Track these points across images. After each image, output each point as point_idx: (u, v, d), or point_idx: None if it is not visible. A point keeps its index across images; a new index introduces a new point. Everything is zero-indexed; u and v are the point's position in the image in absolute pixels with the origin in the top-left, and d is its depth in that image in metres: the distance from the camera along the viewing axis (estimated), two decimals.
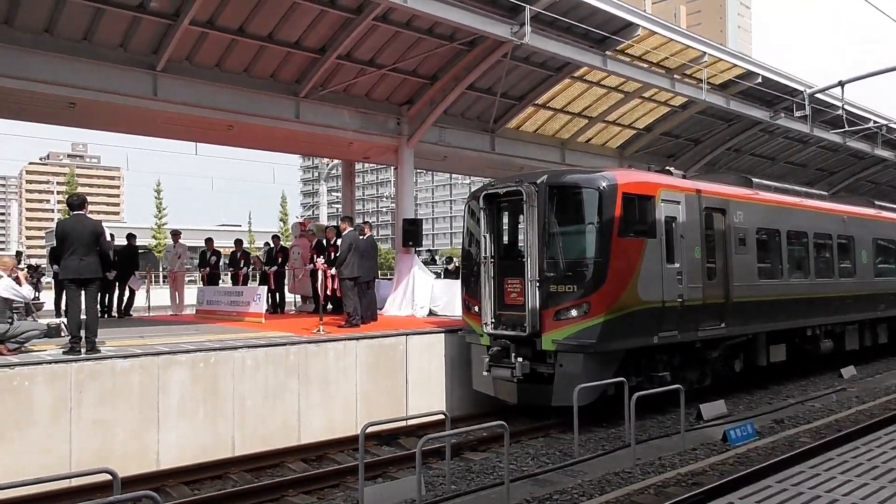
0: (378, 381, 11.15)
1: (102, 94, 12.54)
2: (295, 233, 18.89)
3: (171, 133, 16.22)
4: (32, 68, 11.77)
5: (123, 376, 8.67)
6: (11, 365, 8.01)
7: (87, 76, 12.28)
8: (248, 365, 9.76)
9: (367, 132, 16.12)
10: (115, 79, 12.59)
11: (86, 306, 9.10)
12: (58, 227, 9.53)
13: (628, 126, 21.50)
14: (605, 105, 19.84)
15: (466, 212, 11.99)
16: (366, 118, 16.04)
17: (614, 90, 19.21)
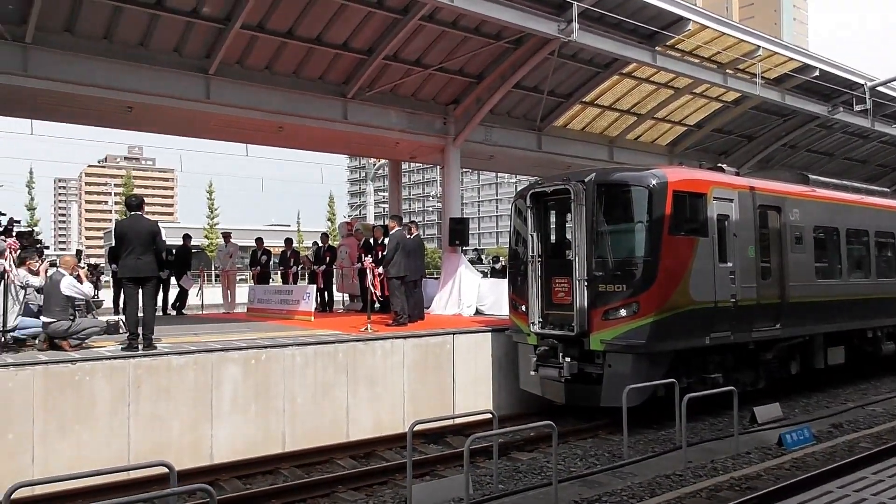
0: (425, 379, 11.21)
1: (157, 98, 12.92)
2: (342, 232, 19.12)
3: (223, 135, 16.60)
4: (92, 74, 12.19)
5: (179, 372, 8.92)
6: (73, 360, 8.32)
7: (144, 81, 12.67)
8: (298, 362, 9.93)
9: (413, 132, 16.22)
10: (170, 83, 12.95)
11: (143, 304, 9.39)
12: (116, 227, 9.84)
13: (678, 123, 21.14)
14: (655, 102, 19.55)
15: (513, 211, 11.95)
16: (412, 118, 16.14)
17: (664, 86, 18.91)
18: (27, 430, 7.85)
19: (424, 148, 17.21)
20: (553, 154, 18.94)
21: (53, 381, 8.06)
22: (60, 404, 8.07)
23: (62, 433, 8.06)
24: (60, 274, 9.36)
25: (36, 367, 8.02)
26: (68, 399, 8.13)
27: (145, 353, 8.89)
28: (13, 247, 9.11)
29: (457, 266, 15.98)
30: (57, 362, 8.20)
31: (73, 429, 8.12)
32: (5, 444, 7.72)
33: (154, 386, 8.71)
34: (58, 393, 8.07)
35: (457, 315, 15.24)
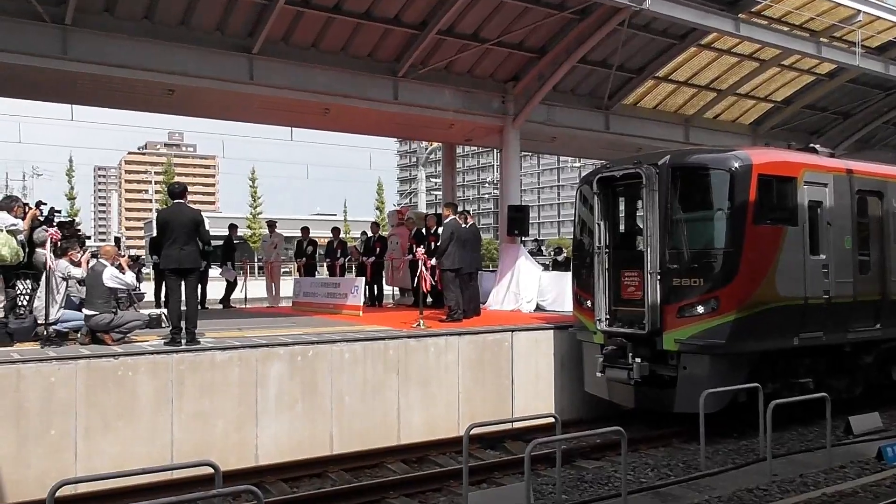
0: (481, 379, 11.25)
1: (200, 80, 13.26)
2: (392, 221, 19.28)
3: (267, 118, 16.92)
4: (133, 56, 12.59)
5: (223, 368, 9.18)
6: (116, 355, 8.65)
7: (185, 62, 13.01)
8: (346, 359, 10.09)
9: (469, 112, 16.24)
10: (213, 63, 13.27)
11: (185, 297, 9.68)
12: (159, 216, 10.19)
13: (764, 99, 20.61)
14: (737, 76, 19.09)
15: (578, 197, 11.87)
16: (468, 97, 16.15)
17: (748, 58, 18.44)
18: (70, 426, 8.20)
19: (481, 129, 17.20)
20: (622, 135, 18.72)
21: (96, 375, 8.39)
22: (103, 400, 8.40)
23: (105, 430, 8.39)
24: (102, 265, 9.70)
25: (78, 361, 8.37)
26: (111, 395, 8.45)
27: (188, 347, 9.18)
28: (54, 237, 9.49)
29: (515, 258, 15.94)
30: (99, 357, 8.53)
31: (115, 425, 8.45)
32: (48, 441, 8.08)
33: (197, 382, 8.98)
34: (100, 388, 8.40)
35: (515, 311, 15.23)
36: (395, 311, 15.81)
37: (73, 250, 10.08)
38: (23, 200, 11.37)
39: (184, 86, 13.34)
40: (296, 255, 18.78)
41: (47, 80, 12.92)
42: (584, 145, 20.25)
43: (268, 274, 18.46)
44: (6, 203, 10.07)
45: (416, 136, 26.22)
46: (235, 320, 13.22)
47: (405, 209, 20.81)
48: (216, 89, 13.64)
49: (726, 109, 20.69)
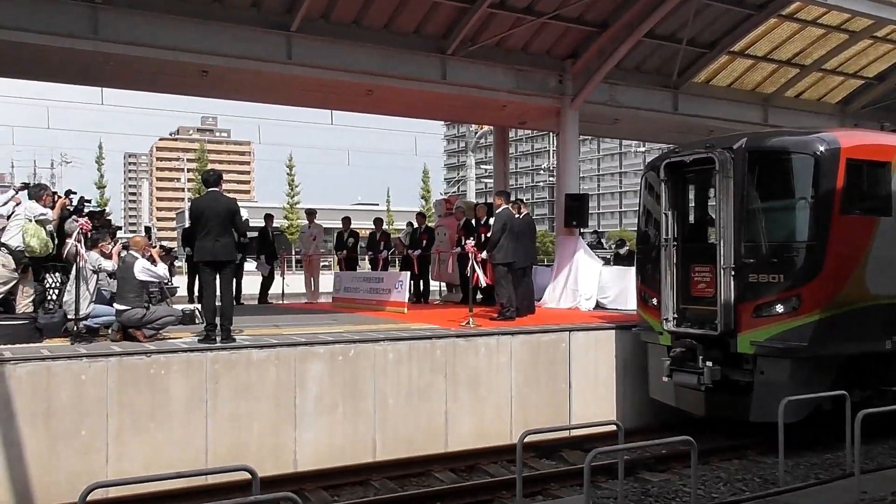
0: (536, 383, 11.22)
1: (235, 60, 13.46)
2: (438, 211, 19.29)
3: (306, 100, 17.12)
4: (165, 35, 12.83)
5: (259, 368, 9.33)
6: (148, 352, 8.85)
7: (220, 41, 13.22)
8: (390, 360, 10.16)
9: (523, 92, 16.18)
10: (248, 42, 13.45)
11: (220, 291, 9.86)
12: (192, 206, 10.39)
13: (853, 75, 20.09)
14: (823, 49, 18.65)
15: (643, 185, 11.74)
16: (522, 76, 16.09)
17: (836, 30, 17.98)
18: (100, 426, 8.43)
19: (536, 111, 17.12)
20: (692, 116, 18.46)
21: (128, 374, 8.61)
22: (135, 399, 8.62)
23: (136, 431, 8.61)
24: (133, 257, 9.93)
25: (110, 358, 8.59)
26: (143, 394, 8.66)
27: (223, 345, 9.35)
28: (85, 228, 9.73)
29: (573, 251, 15.84)
30: (131, 354, 8.75)
31: (147, 427, 8.66)
32: (79, 442, 8.33)
33: (233, 382, 9.15)
34: (132, 387, 8.62)
35: (573, 308, 15.16)
36: (442, 309, 15.86)
37: (103, 242, 10.33)
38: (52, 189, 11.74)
39: (218, 66, 13.56)
40: (336, 248, 18.94)
41: (76, 61, 13.26)
42: (650, 128, 20.04)
43: (306, 267, 18.68)
44: (35, 192, 10.38)
45: (466, 118, 26.21)
46: (272, 317, 13.42)
47: (453, 198, 20.81)
48: (252, 70, 13.84)
49: (810, 87, 20.23)
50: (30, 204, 10.00)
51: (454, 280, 17.34)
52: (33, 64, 13.58)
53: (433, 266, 17.74)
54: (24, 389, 8.11)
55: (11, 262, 9.76)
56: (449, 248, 16.93)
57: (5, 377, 8.04)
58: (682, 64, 17.44)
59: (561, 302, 15.62)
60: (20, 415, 8.07)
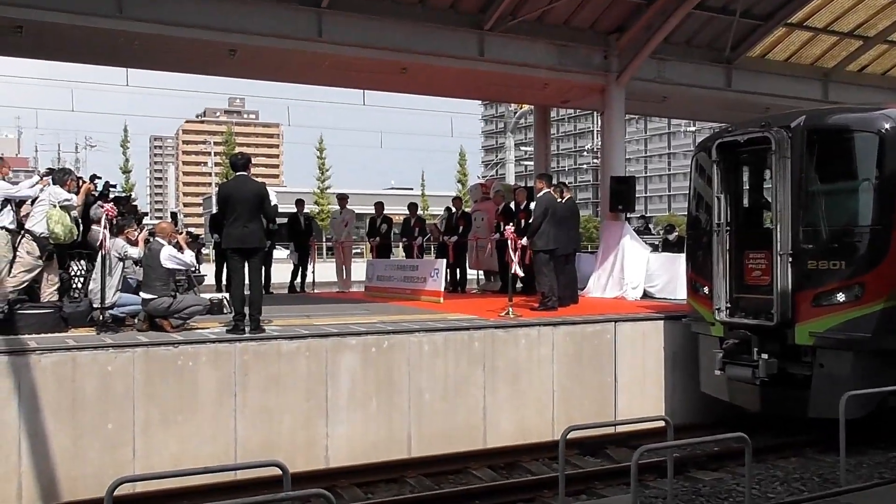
0: (579, 376, 11.20)
1: (263, 38, 13.53)
2: (474, 196, 19.22)
3: (337, 80, 17.15)
4: (192, 12, 12.95)
5: (290, 359, 9.41)
6: (176, 343, 8.99)
7: (248, 18, 13.30)
8: (425, 352, 10.19)
9: (566, 69, 16.07)
10: (277, 19, 13.51)
11: (249, 280, 9.96)
12: (220, 190, 10.48)
13: None
14: (889, 19, 18.27)
15: (693, 167, 11.63)
16: (565, 52, 15.97)
17: None
18: (128, 419, 8.58)
19: (580, 89, 17.00)
20: (746, 93, 18.21)
21: (155, 365, 8.75)
22: (162, 392, 8.76)
23: (164, 424, 8.75)
24: (159, 244, 10.08)
25: (136, 349, 8.73)
26: (171, 386, 8.80)
27: (252, 336, 9.45)
28: (111, 214, 9.86)
29: (619, 237, 15.74)
30: (158, 345, 8.89)
31: (175, 420, 8.80)
32: (106, 435, 8.49)
33: (262, 374, 9.25)
34: (159, 379, 8.76)
35: (619, 298, 15.08)
36: (480, 298, 15.87)
37: (129, 228, 10.50)
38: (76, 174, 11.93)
39: (246, 45, 13.64)
40: (368, 235, 19.01)
41: (101, 41, 13.43)
42: (701, 106, 19.81)
43: (338, 255, 18.78)
44: (59, 176, 10.51)
45: (505, 97, 26.09)
46: (303, 306, 13.53)
47: (490, 182, 20.75)
48: (281, 48, 13.91)
49: (875, 60, 19.82)
50: (54, 189, 10.13)
51: (493, 268, 17.33)
52: (57, 44, 13.79)
53: (471, 253, 17.75)
54: (50, 380, 8.28)
55: (36, 250, 9.91)
56: (487, 234, 16.91)
57: (31, 368, 8.22)
58: (735, 37, 17.19)
59: (606, 291, 15.54)
60: (46, 407, 8.25)
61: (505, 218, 15.54)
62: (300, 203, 18.73)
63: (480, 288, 18.63)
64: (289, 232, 18.38)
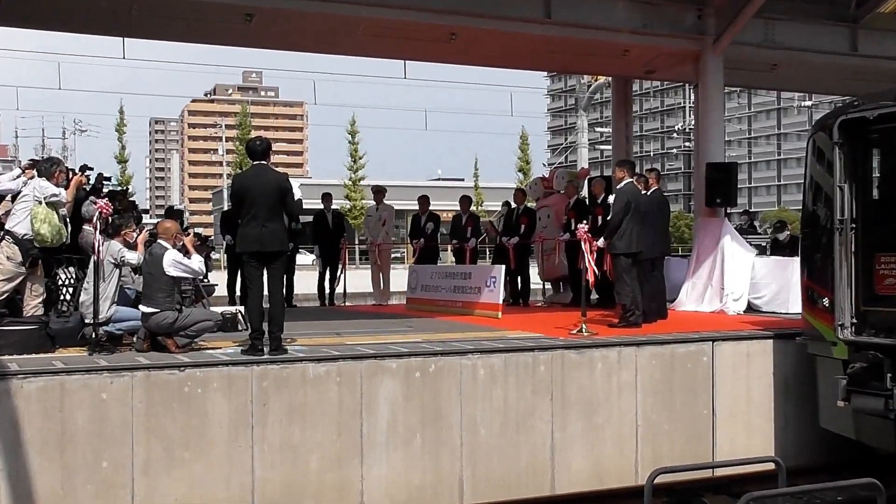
0: (669, 407, 11.12)
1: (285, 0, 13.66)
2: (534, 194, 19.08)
3: (373, 49, 17.26)
4: None
5: (317, 386, 9.48)
6: (182, 366, 9.09)
7: None
8: (480, 377, 10.19)
9: (651, 33, 16.00)
10: None
11: (269, 290, 10.06)
12: (235, 182, 10.56)
13: None
14: None
15: (810, 151, 11.50)
16: (650, 12, 15.90)
17: None
18: (126, 456, 8.71)
19: (667, 57, 16.91)
20: (877, 58, 17.91)
21: (158, 392, 8.87)
22: (166, 424, 8.87)
23: (169, 463, 8.86)
24: (162, 247, 10.16)
25: (135, 373, 8.86)
26: (176, 417, 8.91)
27: (273, 357, 9.53)
28: (105, 211, 9.97)
29: (718, 237, 15.58)
30: (161, 368, 9.00)
31: (182, 457, 8.91)
32: (100, 474, 8.62)
33: (285, 404, 9.32)
34: (162, 409, 8.88)
35: (718, 312, 14.94)
36: (546, 312, 15.82)
37: (127, 228, 10.56)
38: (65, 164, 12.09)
39: (265, 8, 13.80)
40: (411, 236, 19.09)
41: (94, 6, 13.69)
42: (820, 75, 19.61)
43: (374, 260, 18.88)
44: (46, 167, 10.45)
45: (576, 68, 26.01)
46: (332, 322, 13.64)
47: (553, 173, 20.50)
48: (307, 12, 14.03)
49: None
50: (39, 183, 10.17)
51: (562, 273, 17.26)
52: (43, 10, 14.05)
53: (536, 257, 17.70)
54: (35, 410, 8.42)
55: (18, 255, 10.01)
56: (555, 233, 16.86)
57: (12, 394, 8.36)
58: None
59: (703, 303, 15.42)
60: (29, 442, 8.38)
61: (577, 214, 15.47)
62: (328, 197, 18.86)
63: (547, 300, 18.58)
64: (314, 232, 18.52)
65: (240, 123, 73.64)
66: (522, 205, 17.91)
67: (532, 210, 18.04)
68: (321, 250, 18.47)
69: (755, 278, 15.33)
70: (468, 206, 18.97)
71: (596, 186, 15.55)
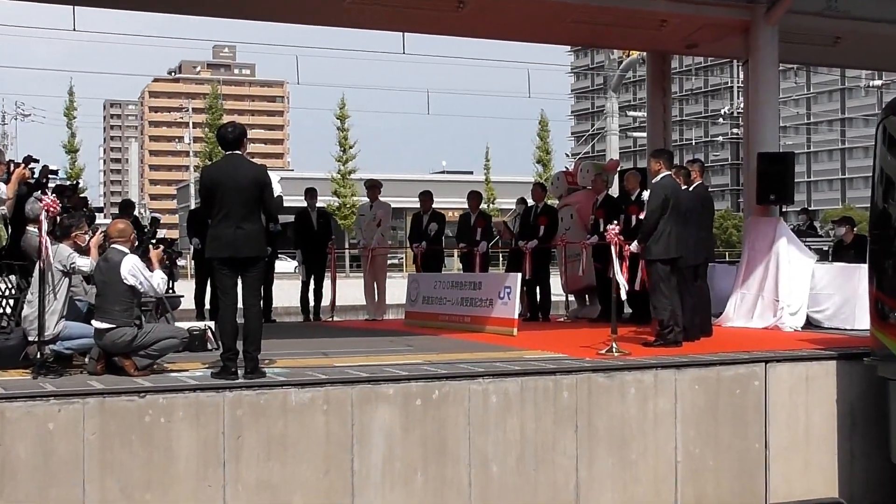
0: (714, 440, 11.12)
1: None
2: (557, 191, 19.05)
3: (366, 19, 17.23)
4: None
5: (301, 415, 9.46)
6: (142, 391, 9.08)
7: None
8: (492, 405, 10.17)
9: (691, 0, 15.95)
10: None
11: (244, 302, 10.03)
12: (204, 176, 10.53)
13: None
14: None
15: (879, 138, 11.55)
16: None
17: None
18: (76, 495, 8.65)
19: (713, 28, 16.92)
20: None
21: (114, 422, 8.84)
22: (123, 459, 8.84)
23: None
24: (119, 252, 10.12)
25: (87, 400, 8.82)
26: (135, 451, 8.88)
27: (248, 382, 9.50)
28: (52, 209, 9.94)
29: (771, 240, 15.58)
30: (118, 394, 8.97)
31: (142, 499, 8.87)
32: None
33: (263, 436, 9.30)
34: (119, 441, 8.84)
35: (772, 328, 14.97)
36: (570, 328, 15.84)
37: (78, 230, 10.53)
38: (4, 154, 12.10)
39: None
40: (410, 239, 19.06)
41: None
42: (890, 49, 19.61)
43: (367, 267, 18.83)
44: None
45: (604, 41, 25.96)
46: (318, 340, 13.63)
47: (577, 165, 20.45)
48: None
49: None
50: None
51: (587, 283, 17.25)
52: None
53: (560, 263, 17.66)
54: None
55: None
56: (580, 236, 16.84)
57: None
58: None
59: (753, 318, 15.43)
60: None
61: (606, 213, 15.46)
62: (313, 193, 18.86)
63: (571, 314, 18.55)
64: (297, 235, 18.51)
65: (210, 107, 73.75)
66: (542, 202, 17.88)
67: (553, 209, 18.02)
68: (305, 256, 18.45)
69: (815, 288, 15.35)
70: (478, 203, 18.95)
71: (628, 181, 15.53)
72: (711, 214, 14.89)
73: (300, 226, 18.46)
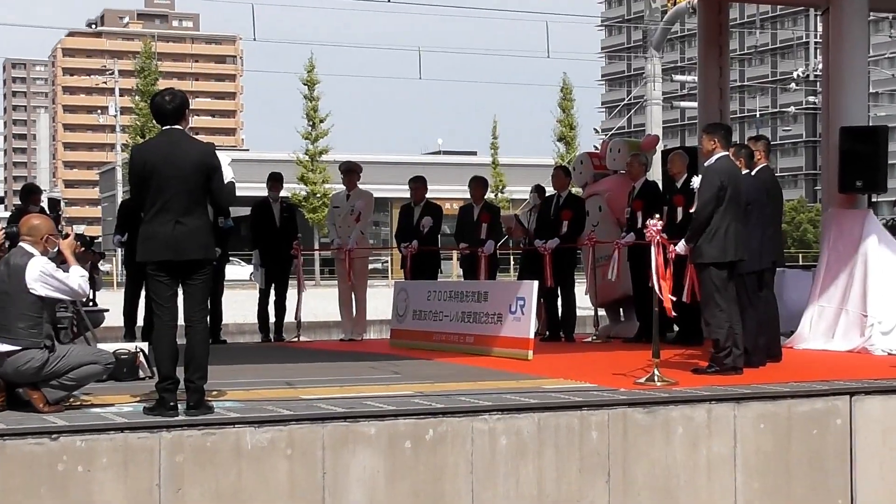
0: (785, 494, 11.16)
1: None
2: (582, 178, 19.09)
3: None
4: None
5: (258, 461, 9.46)
6: (55, 432, 9.07)
7: None
8: (501, 448, 10.19)
9: None
10: None
11: (186, 318, 10.03)
12: (135, 157, 10.49)
13: None
14: None
15: None
16: None
17: None
18: None
19: None
20: None
21: (18, 471, 8.84)
22: None
23: None
24: (26, 253, 10.12)
25: None
26: None
27: (192, 419, 9.52)
28: None
29: (858, 239, 15.60)
30: (23, 435, 8.98)
31: None
32: None
33: (210, 488, 9.30)
34: (25, 496, 8.83)
35: (859, 350, 14.97)
36: (599, 350, 15.85)
37: None
38: None
39: None
40: (397, 236, 19.10)
41: None
42: None
43: (343, 273, 18.83)
44: None
45: None
46: (280, 366, 13.67)
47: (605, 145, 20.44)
48: None
49: None
50: None
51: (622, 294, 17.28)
52: None
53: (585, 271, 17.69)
54: None
55: None
56: (613, 234, 16.87)
57: None
58: None
59: (833, 338, 15.44)
60: None
61: (645, 205, 15.48)
62: (276, 180, 18.85)
63: (599, 333, 18.57)
64: (254, 232, 18.51)
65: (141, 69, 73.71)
66: (565, 191, 17.87)
67: (580, 199, 18.01)
68: (264, 258, 18.42)
69: None
70: (483, 192, 19.00)
71: (673, 163, 15.56)
72: (780, 206, 14.90)
73: (258, 221, 18.47)
